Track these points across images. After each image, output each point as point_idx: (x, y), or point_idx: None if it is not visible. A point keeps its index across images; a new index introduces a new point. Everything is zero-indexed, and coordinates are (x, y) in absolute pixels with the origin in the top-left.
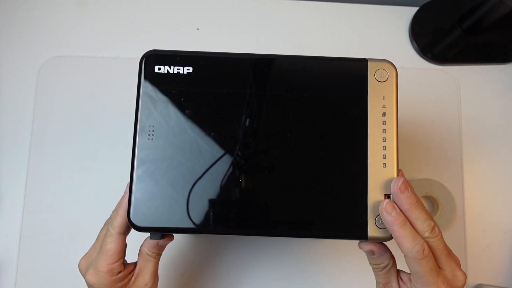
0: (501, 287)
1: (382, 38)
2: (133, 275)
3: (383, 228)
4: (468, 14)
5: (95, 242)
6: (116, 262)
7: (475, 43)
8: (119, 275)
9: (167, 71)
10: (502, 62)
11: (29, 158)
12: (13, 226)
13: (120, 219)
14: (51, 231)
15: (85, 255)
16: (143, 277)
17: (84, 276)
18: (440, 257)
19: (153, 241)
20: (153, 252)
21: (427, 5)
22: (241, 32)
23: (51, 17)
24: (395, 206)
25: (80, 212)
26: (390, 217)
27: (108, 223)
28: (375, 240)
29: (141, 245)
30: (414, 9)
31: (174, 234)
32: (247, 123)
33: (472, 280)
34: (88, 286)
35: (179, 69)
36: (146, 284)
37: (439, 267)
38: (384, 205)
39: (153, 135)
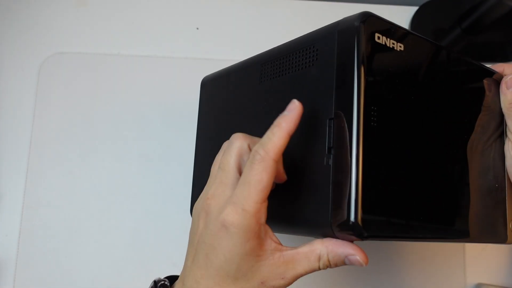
0: (501, 286)
1: None
2: (279, 256)
3: None
4: (468, 13)
5: (212, 180)
6: (265, 201)
7: (474, 42)
8: (261, 233)
9: (385, 43)
10: (502, 61)
11: (29, 154)
12: (12, 222)
13: (279, 141)
14: (50, 227)
15: (207, 196)
16: (290, 271)
17: (215, 216)
18: None
19: (353, 260)
20: (333, 264)
21: (427, 4)
22: (241, 32)
23: (52, 13)
24: None
25: (80, 208)
26: None
27: (254, 147)
28: (509, 244)
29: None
30: (414, 9)
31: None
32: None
33: (472, 280)
34: (221, 229)
35: (393, 43)
36: (283, 278)
37: None
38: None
39: (376, 120)
